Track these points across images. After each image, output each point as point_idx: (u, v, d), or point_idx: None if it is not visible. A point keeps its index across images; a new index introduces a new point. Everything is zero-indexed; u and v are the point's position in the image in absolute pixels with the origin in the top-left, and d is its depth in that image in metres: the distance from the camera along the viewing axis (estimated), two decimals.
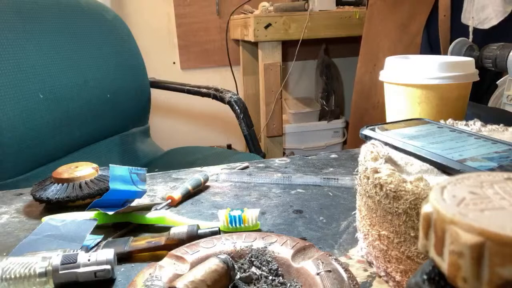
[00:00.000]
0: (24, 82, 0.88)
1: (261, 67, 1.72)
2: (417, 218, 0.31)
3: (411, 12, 1.37)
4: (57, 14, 1.02)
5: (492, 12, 1.12)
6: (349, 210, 0.50)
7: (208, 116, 2.29)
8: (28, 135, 0.88)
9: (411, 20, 1.36)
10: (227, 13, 2.09)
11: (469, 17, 1.18)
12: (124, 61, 1.18)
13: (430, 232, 0.15)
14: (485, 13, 1.14)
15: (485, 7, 1.14)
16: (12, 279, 0.35)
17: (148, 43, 2.09)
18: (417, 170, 0.37)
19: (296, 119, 2.14)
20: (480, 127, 0.46)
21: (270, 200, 0.54)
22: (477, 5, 1.15)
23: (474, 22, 1.17)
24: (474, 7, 1.16)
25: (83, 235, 0.43)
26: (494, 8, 1.11)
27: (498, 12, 1.11)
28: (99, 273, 0.37)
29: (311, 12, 1.67)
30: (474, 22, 1.17)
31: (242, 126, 1.27)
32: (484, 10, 1.14)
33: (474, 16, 1.17)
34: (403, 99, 0.58)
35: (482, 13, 1.15)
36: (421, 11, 1.34)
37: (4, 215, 0.54)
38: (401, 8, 1.40)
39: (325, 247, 0.42)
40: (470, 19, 1.18)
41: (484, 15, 1.15)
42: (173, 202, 0.54)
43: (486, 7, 1.13)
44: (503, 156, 0.36)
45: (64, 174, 0.56)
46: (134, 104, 1.22)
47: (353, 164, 0.66)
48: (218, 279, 0.32)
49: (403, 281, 0.34)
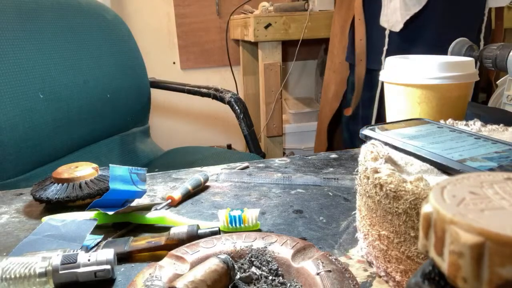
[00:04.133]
0: (24, 82, 0.88)
1: (261, 67, 1.72)
2: (417, 218, 0.31)
3: (346, 16, 1.44)
4: (57, 14, 1.02)
5: (400, 16, 1.19)
6: (349, 210, 0.50)
7: (208, 116, 2.29)
8: (28, 135, 0.88)
9: (345, 23, 1.44)
10: (227, 13, 2.09)
11: (386, 20, 1.25)
12: (124, 61, 1.18)
13: (430, 232, 0.15)
14: (395, 16, 1.21)
15: (395, 10, 1.21)
16: (12, 279, 0.35)
17: (148, 43, 2.09)
18: (417, 170, 0.37)
19: (296, 119, 2.14)
20: (480, 127, 0.46)
21: (270, 200, 0.54)
22: (391, 8, 1.22)
23: (389, 25, 1.24)
24: (389, 10, 1.23)
25: (83, 235, 0.43)
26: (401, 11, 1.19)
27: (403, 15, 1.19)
28: (99, 273, 0.37)
29: (311, 12, 1.67)
30: (389, 25, 1.24)
31: (242, 126, 1.27)
32: (395, 13, 1.21)
33: (389, 19, 1.23)
34: (403, 99, 0.58)
35: (393, 16, 1.22)
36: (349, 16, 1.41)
37: (4, 215, 0.54)
38: (341, 12, 1.48)
39: (325, 247, 0.42)
40: (386, 22, 1.25)
41: (395, 18, 1.22)
42: (173, 202, 0.54)
43: (396, 10, 1.20)
44: (503, 156, 0.36)
45: (64, 174, 0.56)
46: (134, 104, 1.22)
47: (353, 164, 0.66)
48: (218, 279, 0.32)
49: (403, 281, 0.34)
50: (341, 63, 1.50)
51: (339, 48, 1.50)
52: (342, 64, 1.50)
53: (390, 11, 1.22)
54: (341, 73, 1.51)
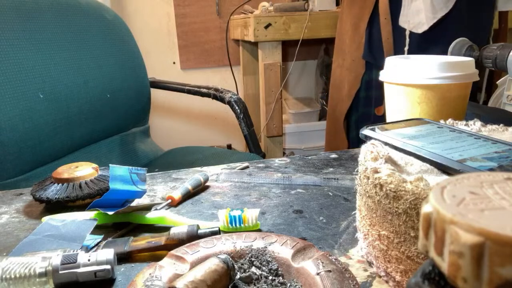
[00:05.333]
0: (24, 82, 0.88)
1: (261, 67, 1.72)
2: (417, 218, 0.31)
3: (359, 13, 1.43)
4: (57, 14, 1.02)
5: (424, 18, 1.18)
6: (349, 210, 0.50)
7: (208, 116, 2.29)
8: (28, 135, 0.88)
9: (359, 21, 1.42)
10: (227, 13, 2.09)
11: (406, 20, 1.23)
12: (124, 61, 1.18)
13: (430, 232, 0.15)
14: (419, 18, 1.20)
15: (419, 12, 1.19)
16: (12, 279, 0.35)
17: (148, 43, 2.09)
18: (417, 170, 0.37)
19: (296, 119, 2.14)
20: (480, 127, 0.46)
21: (270, 200, 0.54)
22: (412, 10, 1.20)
23: (409, 26, 1.22)
24: (410, 11, 1.21)
25: (83, 235, 0.43)
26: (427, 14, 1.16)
27: (428, 18, 1.17)
28: (99, 273, 0.36)
29: (311, 12, 1.67)
30: (409, 26, 1.22)
31: (242, 126, 1.27)
32: (419, 14, 1.19)
33: (410, 20, 1.22)
34: (403, 99, 0.58)
35: (416, 18, 1.20)
36: (364, 14, 1.40)
37: (4, 215, 0.54)
38: (353, 10, 1.46)
39: (325, 247, 0.42)
40: (406, 22, 1.22)
41: (417, 20, 1.20)
42: (173, 202, 0.54)
43: (420, 12, 1.19)
44: (503, 156, 0.36)
45: (64, 174, 0.56)
46: (134, 104, 1.22)
47: (353, 164, 0.66)
48: (218, 279, 0.32)
49: (403, 281, 0.34)
50: (354, 60, 1.47)
51: (352, 46, 1.47)
52: (356, 61, 1.46)
53: (412, 12, 1.19)
54: (355, 71, 1.48)
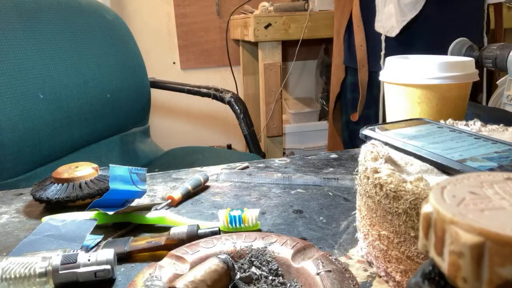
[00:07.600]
0: (24, 82, 0.88)
1: (261, 67, 1.72)
2: (417, 218, 0.31)
3: (340, 20, 1.45)
4: (57, 14, 1.02)
5: (395, 22, 1.20)
6: (349, 210, 0.50)
7: (208, 116, 2.29)
8: (28, 135, 0.88)
9: (340, 27, 1.45)
10: (227, 13, 2.09)
11: (381, 25, 1.26)
12: (124, 61, 1.18)
13: (430, 232, 0.15)
14: (391, 22, 1.22)
15: (391, 16, 1.21)
16: (12, 279, 0.35)
17: (148, 43, 2.09)
18: (417, 170, 0.37)
19: (296, 119, 2.14)
20: (480, 127, 0.46)
21: (270, 200, 0.54)
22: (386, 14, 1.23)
23: (384, 30, 1.24)
24: (384, 16, 1.24)
25: (83, 235, 0.43)
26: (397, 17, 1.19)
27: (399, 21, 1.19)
28: (99, 273, 0.36)
29: (311, 12, 1.67)
30: (384, 30, 1.24)
31: (242, 126, 1.27)
32: (391, 19, 1.22)
33: (384, 24, 1.24)
34: (403, 99, 0.58)
35: (389, 22, 1.22)
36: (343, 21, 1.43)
37: (4, 215, 0.54)
38: (336, 16, 1.49)
39: (325, 247, 0.42)
40: (381, 27, 1.25)
41: (390, 24, 1.22)
42: (173, 202, 0.54)
43: (391, 16, 1.21)
44: (503, 156, 0.36)
45: (64, 174, 0.56)
46: (134, 104, 1.22)
47: (353, 164, 0.66)
48: (218, 279, 0.32)
49: (403, 281, 0.34)
50: (337, 65, 1.51)
51: (335, 51, 1.51)
52: (338, 66, 1.51)
53: (385, 16, 1.22)
54: (337, 75, 1.52)
